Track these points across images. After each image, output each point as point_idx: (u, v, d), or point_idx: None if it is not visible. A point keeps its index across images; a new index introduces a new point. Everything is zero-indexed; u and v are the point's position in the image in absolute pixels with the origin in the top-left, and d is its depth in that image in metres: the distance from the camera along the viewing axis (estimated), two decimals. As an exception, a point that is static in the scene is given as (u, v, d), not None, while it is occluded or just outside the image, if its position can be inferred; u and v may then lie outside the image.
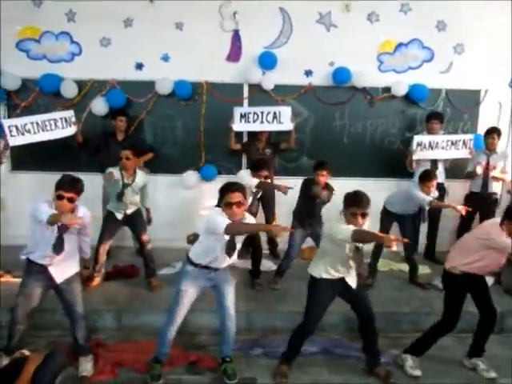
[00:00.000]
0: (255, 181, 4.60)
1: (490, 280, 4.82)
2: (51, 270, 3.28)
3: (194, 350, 3.84)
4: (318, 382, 3.53)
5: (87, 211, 3.35)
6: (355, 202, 3.15)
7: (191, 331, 4.02)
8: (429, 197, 4.52)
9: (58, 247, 3.20)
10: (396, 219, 4.88)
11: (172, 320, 3.36)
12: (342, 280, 3.38)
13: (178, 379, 3.49)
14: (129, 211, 4.60)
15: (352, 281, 3.42)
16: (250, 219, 3.28)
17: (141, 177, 4.60)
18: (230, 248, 3.18)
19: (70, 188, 3.10)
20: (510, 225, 3.28)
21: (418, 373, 3.56)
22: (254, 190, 4.70)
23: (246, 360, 3.75)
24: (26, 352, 3.13)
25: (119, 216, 4.58)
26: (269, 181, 4.85)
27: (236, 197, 3.09)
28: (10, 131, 5.04)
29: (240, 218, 3.15)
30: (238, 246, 3.29)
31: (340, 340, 4.01)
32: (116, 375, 3.50)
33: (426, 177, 4.58)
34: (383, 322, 4.21)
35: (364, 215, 3.14)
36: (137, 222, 4.68)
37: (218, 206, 3.21)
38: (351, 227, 3.07)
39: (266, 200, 5.39)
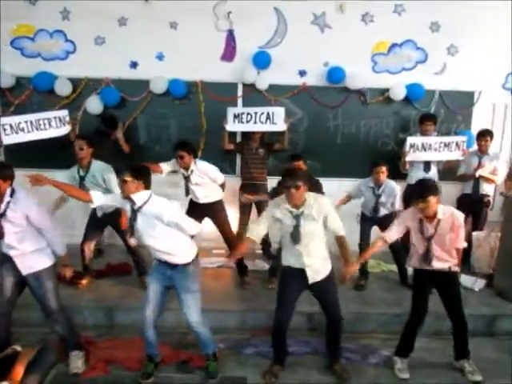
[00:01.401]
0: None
1: (481, 282, 4.86)
2: (16, 261, 3.27)
3: (185, 348, 3.84)
4: (308, 382, 3.54)
5: (30, 202, 3.20)
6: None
7: (182, 330, 4.02)
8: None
9: None
10: (375, 222, 4.80)
11: (142, 314, 3.35)
12: (302, 271, 3.33)
13: (169, 377, 3.50)
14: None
15: (312, 274, 3.33)
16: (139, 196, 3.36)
17: (95, 167, 4.44)
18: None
19: None
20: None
21: (405, 375, 3.57)
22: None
23: (237, 359, 3.77)
24: (18, 348, 3.12)
25: (99, 213, 4.52)
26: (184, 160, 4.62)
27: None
28: (4, 130, 5.04)
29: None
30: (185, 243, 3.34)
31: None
32: (108, 372, 3.52)
33: (372, 165, 4.68)
34: (374, 323, 4.25)
35: (297, 187, 3.13)
36: (117, 221, 4.60)
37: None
38: None
39: (259, 203, 5.38)
